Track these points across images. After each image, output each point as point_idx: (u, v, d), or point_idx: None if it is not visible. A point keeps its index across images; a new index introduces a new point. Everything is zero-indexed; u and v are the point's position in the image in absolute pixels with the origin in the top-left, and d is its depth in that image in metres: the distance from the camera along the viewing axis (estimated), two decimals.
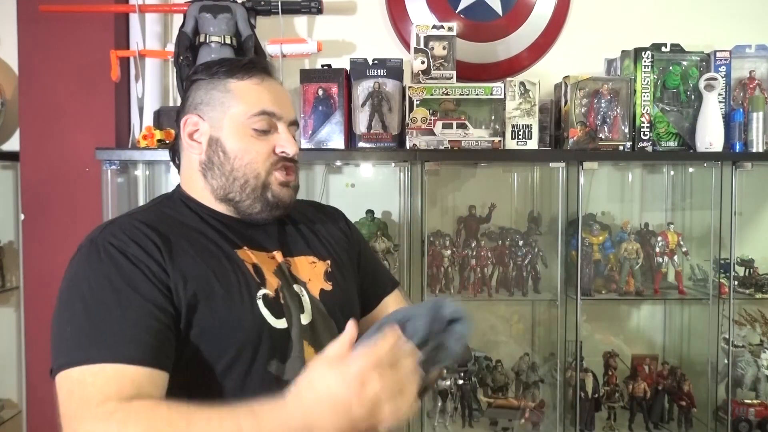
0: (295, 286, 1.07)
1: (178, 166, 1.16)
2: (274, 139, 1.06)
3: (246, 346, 0.96)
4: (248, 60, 1.09)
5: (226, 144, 1.04)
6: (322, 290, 1.11)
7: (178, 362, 0.92)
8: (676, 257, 2.19)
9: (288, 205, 1.09)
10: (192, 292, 0.93)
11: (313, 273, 1.11)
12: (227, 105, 1.04)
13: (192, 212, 1.06)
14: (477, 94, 2.04)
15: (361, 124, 2.08)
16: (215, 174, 1.05)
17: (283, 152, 1.06)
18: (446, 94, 2.03)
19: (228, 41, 2.01)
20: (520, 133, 2.06)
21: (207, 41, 2.00)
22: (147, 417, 0.79)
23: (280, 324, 1.00)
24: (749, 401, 2.14)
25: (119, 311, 0.88)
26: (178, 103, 2.14)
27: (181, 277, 0.94)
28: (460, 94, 2.03)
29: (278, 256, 1.09)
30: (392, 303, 1.24)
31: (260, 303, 0.99)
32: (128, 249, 0.93)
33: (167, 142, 2.04)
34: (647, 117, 2.07)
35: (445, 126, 2.03)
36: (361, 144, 2.07)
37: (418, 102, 2.02)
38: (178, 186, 1.13)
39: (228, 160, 1.04)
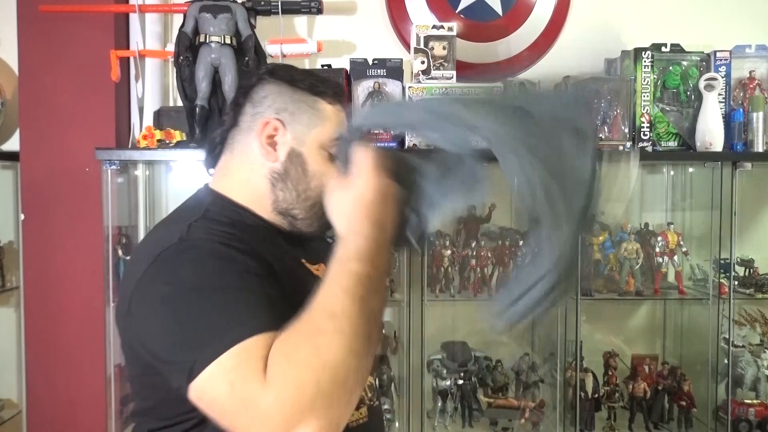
0: None
1: (213, 161, 1.08)
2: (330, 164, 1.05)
3: None
4: (336, 85, 1.07)
5: (307, 162, 1.00)
6: None
7: None
8: (676, 257, 2.19)
9: None
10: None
11: None
12: (314, 123, 1.01)
13: (248, 221, 1.00)
14: (477, 94, 2.03)
15: None
16: (287, 187, 1.00)
17: None
18: (446, 94, 2.03)
19: (228, 41, 2.01)
20: None
21: (207, 41, 2.00)
22: (300, 338, 0.76)
23: None
24: (749, 401, 2.14)
25: (248, 289, 0.82)
26: (179, 103, 2.16)
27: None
28: (460, 94, 2.03)
29: (321, 268, 1.07)
30: None
31: None
32: (228, 241, 0.87)
33: (168, 142, 2.04)
34: (647, 117, 2.07)
35: None
36: None
37: None
38: (210, 188, 1.05)
39: (305, 179, 1.00)
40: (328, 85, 1.04)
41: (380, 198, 0.89)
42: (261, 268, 0.87)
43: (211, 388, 0.75)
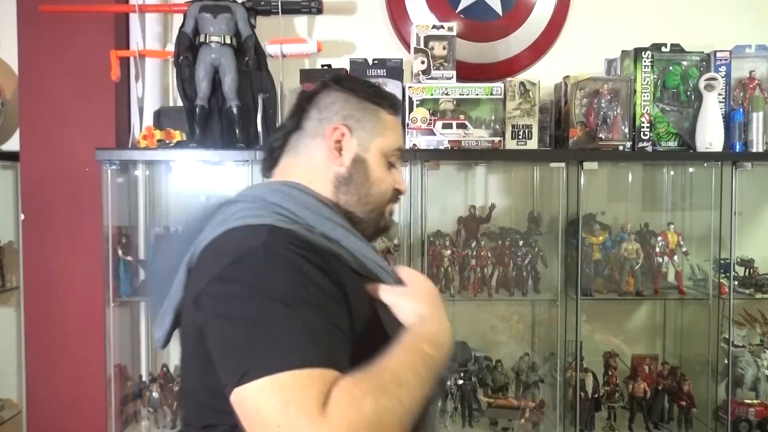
0: None
1: (272, 163, 1.10)
2: (393, 174, 1.10)
3: None
4: (395, 97, 1.13)
5: (370, 168, 1.05)
6: None
7: None
8: (676, 257, 2.19)
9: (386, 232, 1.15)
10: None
11: None
12: (378, 132, 1.06)
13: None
14: (477, 94, 2.04)
15: None
16: (350, 191, 1.04)
17: (398, 189, 1.11)
18: (446, 94, 2.03)
19: (228, 41, 2.01)
20: (520, 133, 2.06)
21: (207, 41, 2.00)
22: (365, 389, 0.76)
23: None
24: (749, 401, 2.14)
25: (322, 313, 0.82)
26: (179, 103, 2.16)
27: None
28: (460, 94, 2.03)
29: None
30: None
31: None
32: (309, 256, 0.87)
33: (168, 142, 2.04)
34: (647, 117, 2.07)
35: (445, 126, 2.03)
36: None
37: (418, 102, 2.02)
38: (294, 183, 1.03)
39: (367, 184, 1.05)
40: (388, 97, 1.10)
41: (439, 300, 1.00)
42: (335, 288, 0.87)
43: (259, 398, 0.75)
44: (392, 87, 2.07)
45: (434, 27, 2.08)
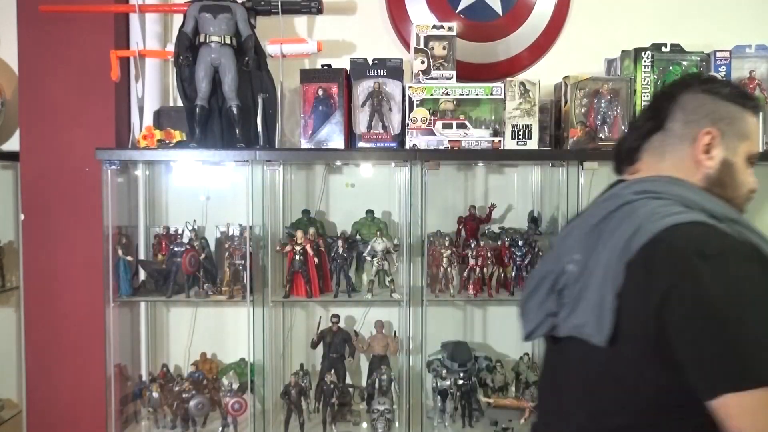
0: None
1: (631, 161, 1.12)
2: (749, 174, 1.10)
3: None
4: (757, 99, 1.13)
5: (737, 172, 1.06)
6: None
7: None
8: None
9: None
10: None
11: None
12: (744, 136, 1.06)
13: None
14: (477, 94, 2.04)
15: (361, 124, 2.08)
16: (719, 192, 1.05)
17: (753, 189, 1.11)
18: (446, 94, 2.03)
19: (228, 41, 2.02)
20: (520, 133, 2.06)
21: (207, 41, 2.00)
22: None
23: None
24: None
25: None
26: (179, 103, 2.16)
27: None
28: (460, 94, 2.03)
29: None
30: None
31: None
32: (760, 265, 0.91)
33: (168, 142, 2.04)
34: None
35: (445, 126, 2.03)
36: (361, 144, 2.07)
37: (418, 102, 2.02)
38: (677, 178, 1.05)
39: (734, 187, 1.07)
40: (753, 98, 1.10)
41: None
42: None
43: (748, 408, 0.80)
44: (392, 87, 2.07)
45: (434, 27, 2.08)
